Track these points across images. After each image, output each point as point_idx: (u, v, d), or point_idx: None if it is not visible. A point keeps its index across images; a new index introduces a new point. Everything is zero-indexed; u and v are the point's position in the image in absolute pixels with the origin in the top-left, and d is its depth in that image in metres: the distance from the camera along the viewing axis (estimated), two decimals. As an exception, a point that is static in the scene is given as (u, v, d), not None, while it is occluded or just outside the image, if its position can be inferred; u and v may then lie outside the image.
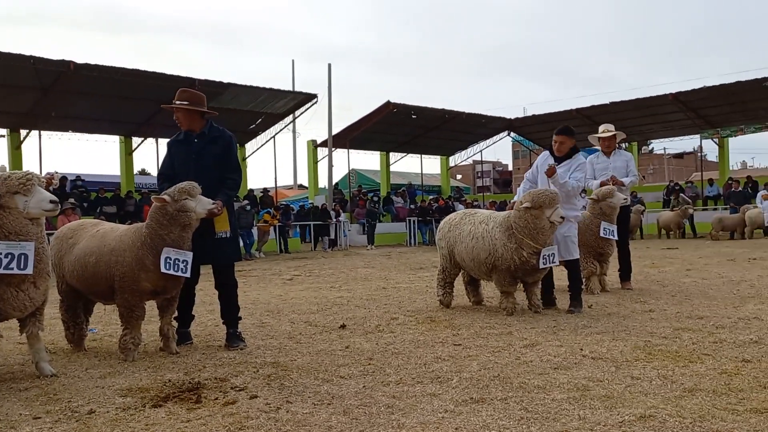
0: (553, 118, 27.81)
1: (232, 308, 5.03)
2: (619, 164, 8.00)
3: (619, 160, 8.02)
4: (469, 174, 58.28)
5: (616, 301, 6.70)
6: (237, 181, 5.06)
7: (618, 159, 8.04)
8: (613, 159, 8.03)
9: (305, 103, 24.50)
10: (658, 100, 25.34)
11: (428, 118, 27.49)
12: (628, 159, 8.11)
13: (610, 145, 8.06)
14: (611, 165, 7.99)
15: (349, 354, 4.49)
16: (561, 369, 3.85)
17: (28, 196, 3.76)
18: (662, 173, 59.02)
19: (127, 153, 23.92)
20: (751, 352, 4.15)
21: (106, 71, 18.85)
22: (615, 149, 8.11)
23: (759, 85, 22.46)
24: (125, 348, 4.47)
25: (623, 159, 8.05)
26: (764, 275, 8.66)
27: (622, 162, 8.02)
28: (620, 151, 8.20)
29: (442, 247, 6.69)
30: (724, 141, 27.16)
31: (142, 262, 4.37)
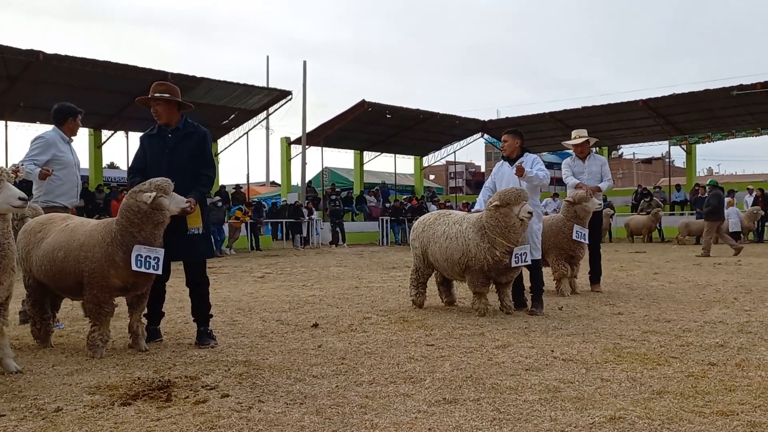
0: (527, 120, 28.09)
1: (204, 306, 4.97)
2: (594, 168, 8.12)
3: (595, 165, 8.14)
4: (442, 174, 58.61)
5: (586, 304, 6.80)
6: (211, 178, 5.01)
7: (593, 163, 8.16)
8: (588, 163, 8.15)
9: (280, 100, 24.37)
10: (629, 106, 25.80)
11: (403, 117, 27.55)
12: (603, 163, 8.23)
13: (583, 150, 8.18)
14: (587, 169, 8.12)
15: (321, 353, 4.47)
16: (532, 370, 3.89)
17: None
18: (631, 178, 60.01)
19: (96, 146, 23.50)
20: (717, 355, 4.24)
21: (77, 62, 18.50)
22: (589, 154, 8.23)
23: (726, 94, 23.00)
24: (93, 345, 4.39)
25: (598, 163, 8.17)
26: (729, 280, 8.87)
27: (597, 166, 8.14)
28: (595, 156, 8.32)
29: (415, 247, 6.70)
30: (692, 147, 27.75)
31: (112, 259, 4.29)
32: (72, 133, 6.21)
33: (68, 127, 6.16)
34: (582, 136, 8.22)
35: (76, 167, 6.20)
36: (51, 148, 5.94)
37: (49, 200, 6.00)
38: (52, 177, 5.92)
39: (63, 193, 6.04)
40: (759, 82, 22.18)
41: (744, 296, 7.18)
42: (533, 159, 6.51)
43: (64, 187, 6.04)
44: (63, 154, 6.01)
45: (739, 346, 4.50)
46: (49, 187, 5.96)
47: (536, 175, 6.26)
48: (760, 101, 23.07)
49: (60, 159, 5.98)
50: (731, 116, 25.08)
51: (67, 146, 6.13)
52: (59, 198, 6.02)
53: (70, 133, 6.20)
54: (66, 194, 6.06)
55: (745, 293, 7.43)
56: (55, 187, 5.99)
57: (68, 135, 6.18)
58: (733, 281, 8.69)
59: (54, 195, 5.99)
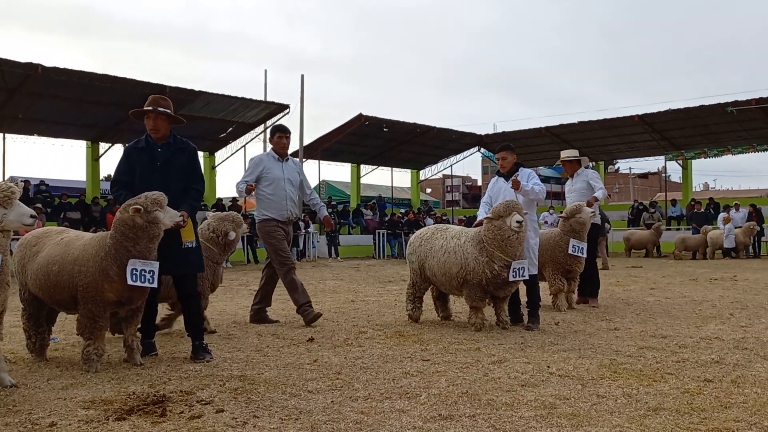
0: (523, 135, 28.23)
1: (198, 320, 4.96)
2: (578, 185, 8.16)
3: (579, 181, 8.19)
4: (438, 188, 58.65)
5: (583, 319, 6.80)
6: (201, 192, 5.09)
7: (578, 180, 8.21)
8: (574, 180, 8.23)
9: (277, 113, 24.43)
10: (625, 121, 25.92)
11: (400, 131, 27.65)
12: (590, 177, 8.22)
13: (570, 168, 8.26)
14: (572, 186, 8.20)
15: (317, 368, 4.46)
16: (528, 386, 3.89)
17: (7, 208, 3.70)
18: (627, 192, 60.17)
19: (93, 158, 23.52)
20: (713, 371, 4.24)
21: (75, 75, 18.58)
22: (578, 171, 8.25)
23: (721, 110, 23.13)
24: (88, 359, 4.37)
25: (583, 179, 8.20)
26: (725, 296, 8.88)
27: (582, 183, 8.16)
28: (583, 171, 8.31)
29: (412, 261, 6.71)
30: (688, 163, 27.86)
31: (106, 273, 4.28)
32: (276, 148, 6.84)
33: (274, 143, 6.86)
34: (566, 157, 8.31)
35: (287, 182, 6.70)
36: (258, 167, 6.68)
37: (263, 215, 6.71)
38: (264, 193, 6.67)
39: (273, 208, 6.67)
40: (754, 99, 22.33)
41: (740, 312, 7.19)
42: (528, 173, 6.54)
43: (273, 202, 6.67)
44: (270, 171, 6.69)
45: (735, 363, 4.51)
46: (262, 203, 6.71)
47: (532, 189, 6.29)
48: (755, 117, 23.22)
49: (267, 176, 6.68)
50: (726, 132, 25.22)
51: (278, 163, 6.77)
52: (269, 212, 6.68)
53: (276, 149, 6.84)
54: (276, 208, 6.67)
55: (740, 309, 7.44)
56: (267, 203, 6.69)
57: (275, 152, 6.84)
58: (729, 297, 8.70)
59: (266, 210, 6.68)
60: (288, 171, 6.78)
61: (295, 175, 6.84)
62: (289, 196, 6.73)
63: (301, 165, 7.21)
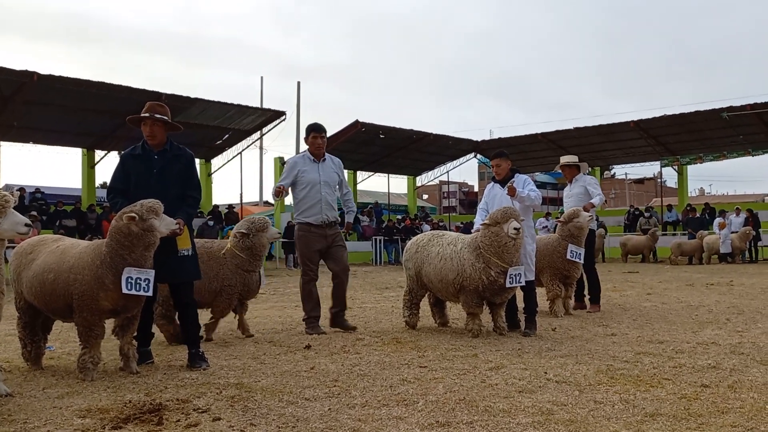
0: (519, 141, 28.29)
1: (194, 327, 4.95)
2: (576, 190, 8.20)
3: (577, 187, 8.22)
4: (435, 194, 58.76)
5: (580, 325, 6.80)
6: (197, 199, 5.06)
7: (575, 186, 8.24)
8: (572, 186, 8.28)
9: (273, 120, 24.45)
10: (620, 127, 26.00)
11: (396, 138, 27.68)
12: (587, 183, 8.24)
13: (569, 174, 8.30)
14: (570, 192, 8.24)
15: (314, 375, 4.45)
16: (526, 392, 3.88)
17: (1, 217, 3.70)
18: (623, 198, 60.34)
19: (89, 166, 23.49)
20: (710, 377, 4.24)
21: (71, 83, 18.57)
22: (577, 177, 8.28)
23: (717, 116, 23.21)
24: (84, 367, 4.35)
25: (581, 185, 8.22)
26: (721, 300, 8.90)
27: (580, 188, 8.19)
28: (580, 177, 8.34)
29: (409, 268, 6.70)
30: (683, 168, 27.95)
31: (102, 281, 4.27)
32: (312, 149, 6.58)
33: (309, 144, 6.58)
34: (566, 162, 8.34)
35: (323, 184, 6.49)
36: (293, 170, 6.50)
37: (298, 219, 6.53)
38: (299, 197, 6.47)
39: (307, 211, 6.47)
40: (749, 104, 22.43)
41: (736, 317, 7.20)
42: (524, 180, 6.55)
43: (308, 206, 6.46)
44: (305, 174, 6.46)
45: (732, 368, 4.51)
46: (297, 207, 6.53)
47: (528, 195, 6.29)
48: (750, 123, 23.31)
49: (302, 179, 6.46)
50: (722, 137, 25.31)
51: (314, 165, 6.53)
52: (304, 216, 6.49)
53: (311, 149, 6.57)
54: (310, 211, 6.46)
55: (737, 314, 7.45)
56: (302, 207, 6.49)
57: (310, 153, 6.57)
58: (726, 302, 8.71)
59: (301, 214, 6.50)
60: (325, 172, 6.58)
61: (332, 176, 6.63)
62: (325, 199, 6.51)
63: (341, 164, 6.87)
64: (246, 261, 6.00)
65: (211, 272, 5.87)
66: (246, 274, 6.01)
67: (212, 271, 5.90)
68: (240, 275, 5.97)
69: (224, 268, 5.95)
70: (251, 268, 6.05)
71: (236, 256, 5.96)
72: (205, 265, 5.78)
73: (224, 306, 6.02)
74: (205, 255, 5.89)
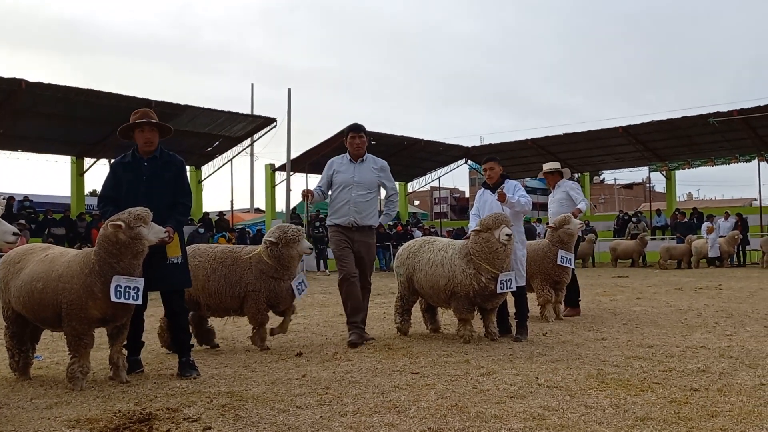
0: (509, 147, 28.42)
1: (184, 336, 4.92)
2: (558, 196, 8.24)
3: (559, 192, 8.27)
4: (426, 200, 58.82)
5: (570, 329, 6.82)
6: (188, 207, 5.04)
7: (558, 192, 8.29)
8: (554, 192, 8.33)
9: (264, 127, 24.45)
10: (609, 133, 26.19)
11: (387, 144, 27.70)
12: (569, 188, 8.27)
13: (552, 180, 8.36)
14: (553, 198, 8.28)
15: (305, 383, 4.44)
16: (517, 398, 3.89)
17: None
18: (613, 203, 60.67)
19: (78, 174, 23.38)
20: (699, 380, 4.27)
21: (59, 90, 18.50)
22: (559, 183, 8.31)
23: (704, 121, 23.42)
24: (73, 377, 4.31)
25: (563, 190, 8.27)
26: (710, 304, 8.95)
27: (562, 194, 8.24)
28: (562, 183, 8.38)
29: (400, 274, 6.71)
30: (672, 173, 28.15)
31: (91, 290, 4.24)
32: (351, 149, 6.40)
33: (348, 144, 6.41)
34: (548, 169, 8.39)
35: (356, 185, 6.26)
36: (329, 170, 6.44)
37: (329, 220, 6.36)
38: (332, 197, 6.31)
39: (337, 212, 6.27)
40: (735, 110, 22.65)
41: (725, 321, 7.24)
42: (515, 185, 6.58)
43: (337, 206, 6.27)
44: (339, 174, 6.29)
45: (721, 371, 4.54)
46: (330, 207, 6.36)
47: (518, 201, 6.32)
48: (737, 128, 23.52)
49: (336, 179, 6.31)
50: (709, 143, 25.53)
51: (350, 165, 6.33)
52: (333, 217, 6.31)
53: (351, 150, 6.40)
54: (338, 213, 6.26)
55: (726, 318, 7.50)
56: (332, 207, 6.33)
57: (350, 153, 6.42)
58: (714, 306, 8.77)
59: (331, 216, 6.34)
60: (361, 173, 6.31)
61: (369, 177, 6.33)
62: (354, 200, 6.23)
63: (385, 166, 6.55)
64: (272, 268, 5.76)
65: (234, 277, 5.77)
66: (272, 280, 5.76)
67: (235, 276, 5.78)
68: (265, 281, 5.74)
69: (248, 272, 5.77)
70: (278, 276, 5.78)
71: (262, 262, 5.77)
72: (229, 270, 5.76)
73: (254, 312, 5.79)
74: (230, 259, 5.84)
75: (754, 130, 23.61)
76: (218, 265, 5.82)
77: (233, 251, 5.98)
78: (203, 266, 5.82)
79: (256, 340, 5.88)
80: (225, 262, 5.83)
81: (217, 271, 5.80)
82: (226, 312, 5.97)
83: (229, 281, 5.76)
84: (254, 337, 5.90)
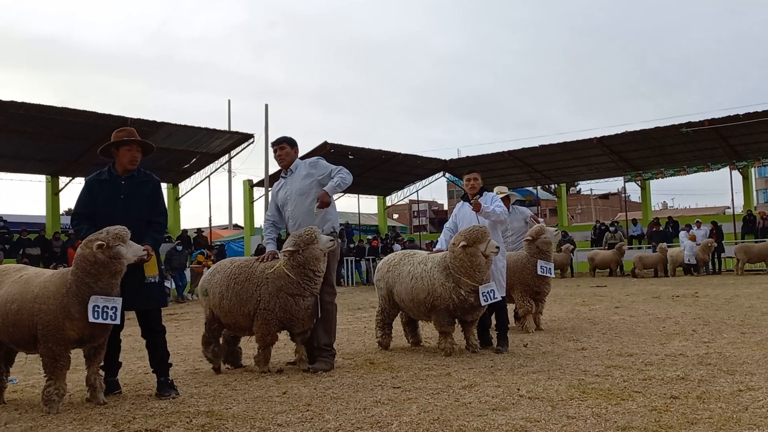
0: (486, 159, 28.61)
1: (162, 355, 4.86)
2: (516, 225, 8.29)
3: (517, 220, 8.32)
4: (405, 213, 58.96)
5: (550, 340, 6.85)
6: (164, 225, 5.02)
7: (515, 218, 8.27)
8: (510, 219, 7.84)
9: (241, 143, 24.34)
10: (584, 144, 26.51)
11: (365, 158, 27.76)
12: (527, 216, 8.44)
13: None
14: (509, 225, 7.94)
15: (286, 400, 4.40)
16: (499, 410, 3.89)
17: None
18: (590, 213, 61.34)
19: (53, 193, 23.02)
20: (679, 388, 4.31)
21: (33, 109, 18.24)
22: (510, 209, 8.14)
23: (676, 131, 23.82)
24: (49, 400, 4.22)
25: (520, 218, 8.39)
26: (687, 312, 9.06)
27: (520, 221, 8.34)
28: (516, 209, 8.44)
29: (380, 288, 6.70)
30: (646, 183, 28.54)
31: (68, 311, 4.17)
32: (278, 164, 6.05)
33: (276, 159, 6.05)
34: (501, 192, 8.39)
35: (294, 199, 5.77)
36: (273, 200, 6.09)
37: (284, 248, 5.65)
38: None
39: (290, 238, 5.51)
40: (706, 120, 23.06)
41: (702, 328, 7.33)
42: (492, 196, 6.63)
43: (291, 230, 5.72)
44: (278, 196, 5.97)
45: (700, 378, 4.59)
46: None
47: (494, 210, 6.35)
48: (708, 138, 23.95)
49: (279, 203, 5.97)
50: (682, 152, 25.93)
51: (284, 181, 5.98)
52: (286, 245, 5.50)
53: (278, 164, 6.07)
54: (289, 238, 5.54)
55: (703, 325, 7.59)
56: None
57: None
58: (692, 313, 8.87)
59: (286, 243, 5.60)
60: (293, 184, 5.83)
61: (301, 184, 5.78)
62: (293, 215, 5.78)
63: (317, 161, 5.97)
64: (293, 283, 5.31)
65: (245, 294, 5.45)
66: (290, 298, 5.31)
67: (247, 293, 5.44)
68: (281, 299, 5.31)
69: (261, 289, 5.39)
70: (297, 292, 5.32)
71: (281, 278, 5.32)
72: (241, 287, 5.47)
73: (263, 332, 5.42)
74: (243, 275, 5.54)
75: (725, 140, 24.07)
76: (231, 282, 5.54)
77: (249, 266, 5.62)
78: (219, 283, 5.61)
79: (259, 362, 5.56)
80: (238, 279, 5.53)
81: (230, 288, 5.53)
82: (243, 331, 5.70)
83: (240, 299, 5.46)
84: (257, 358, 5.59)
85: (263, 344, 5.53)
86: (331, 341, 5.71)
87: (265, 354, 5.56)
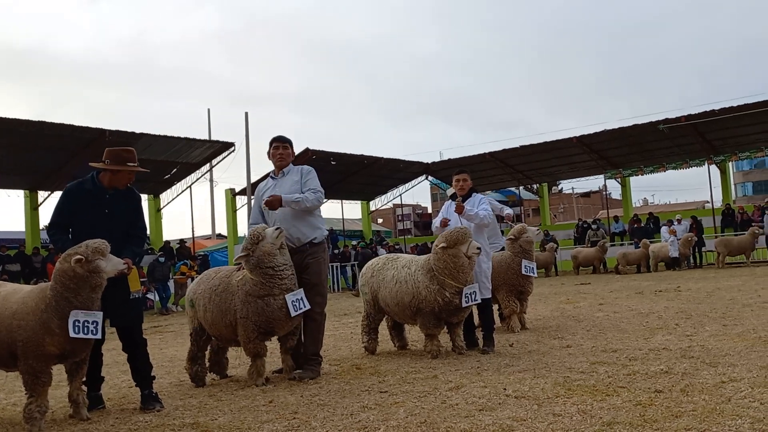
0: (468, 161, 28.71)
1: (145, 367, 4.80)
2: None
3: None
4: (390, 218, 58.97)
5: (536, 338, 6.88)
6: (143, 239, 5.02)
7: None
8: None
9: (222, 152, 24.21)
10: (564, 143, 26.71)
11: (348, 164, 27.76)
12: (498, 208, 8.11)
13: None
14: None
15: (273, 409, 4.37)
16: (486, 410, 3.90)
17: None
18: (572, 212, 61.80)
19: (32, 208, 22.72)
20: (663, 382, 4.35)
21: (8, 123, 18.02)
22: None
23: (654, 128, 24.07)
24: (31, 417, 4.15)
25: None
26: (670, 306, 9.15)
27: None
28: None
29: (365, 293, 6.69)
30: (626, 180, 28.80)
31: (47, 326, 4.10)
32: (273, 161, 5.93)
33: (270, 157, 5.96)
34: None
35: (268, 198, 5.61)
36: (256, 200, 5.97)
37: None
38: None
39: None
40: (683, 116, 23.32)
41: (685, 322, 7.41)
42: (480, 198, 6.65)
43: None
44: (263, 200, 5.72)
45: (683, 372, 4.63)
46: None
47: (477, 214, 6.37)
48: (686, 134, 24.24)
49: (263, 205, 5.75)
50: (660, 149, 26.23)
51: (272, 182, 5.84)
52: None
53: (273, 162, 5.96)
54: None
55: (685, 319, 7.67)
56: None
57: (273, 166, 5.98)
58: (674, 307, 8.96)
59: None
60: (281, 187, 5.70)
61: (291, 189, 5.66)
62: (273, 221, 5.62)
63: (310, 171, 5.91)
64: (257, 285, 5.21)
65: (224, 305, 5.40)
66: (259, 301, 5.19)
67: (225, 304, 5.40)
68: (252, 303, 5.21)
69: (235, 298, 5.35)
70: (264, 292, 5.19)
71: (248, 282, 5.27)
72: (220, 298, 5.43)
73: (245, 341, 5.32)
74: (221, 285, 5.50)
75: (702, 135, 24.36)
76: (212, 294, 5.50)
77: (228, 277, 5.57)
78: (203, 295, 5.58)
79: (252, 374, 5.40)
80: (217, 290, 5.48)
81: (212, 300, 5.49)
82: (229, 342, 5.65)
83: (220, 310, 5.42)
84: (250, 371, 5.43)
85: (250, 354, 5.42)
86: (318, 350, 5.67)
87: (257, 366, 5.41)
